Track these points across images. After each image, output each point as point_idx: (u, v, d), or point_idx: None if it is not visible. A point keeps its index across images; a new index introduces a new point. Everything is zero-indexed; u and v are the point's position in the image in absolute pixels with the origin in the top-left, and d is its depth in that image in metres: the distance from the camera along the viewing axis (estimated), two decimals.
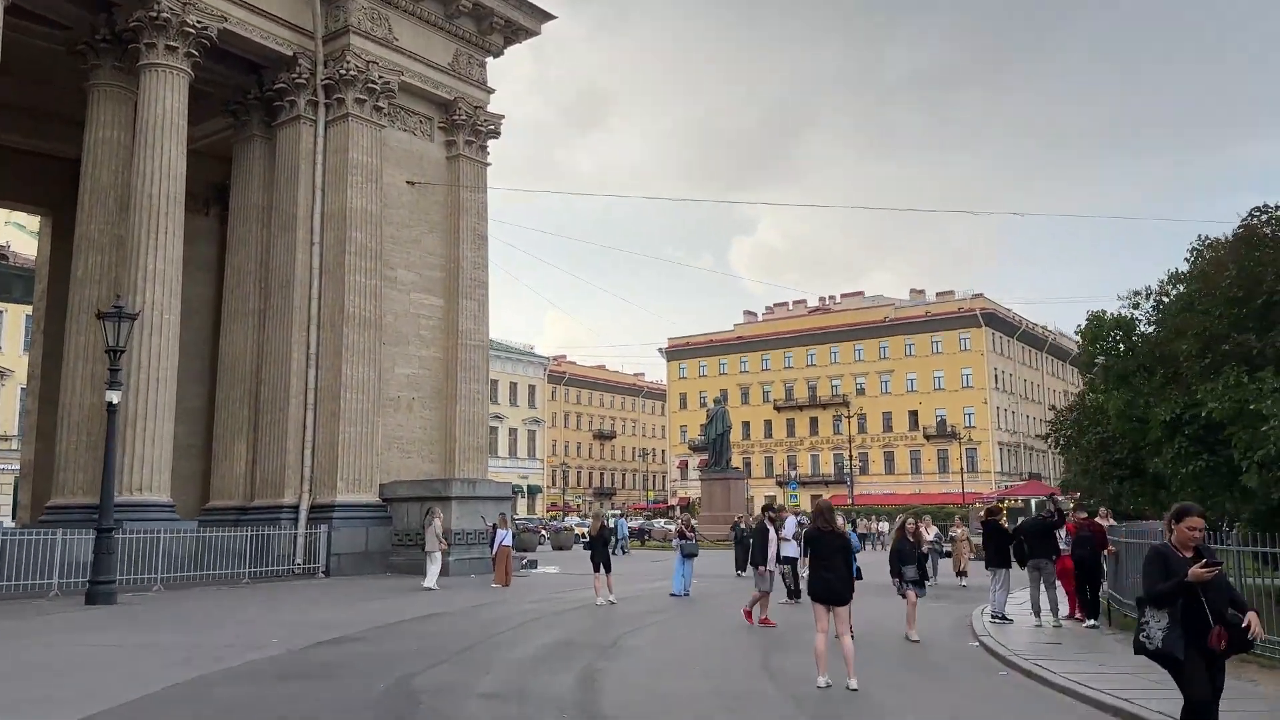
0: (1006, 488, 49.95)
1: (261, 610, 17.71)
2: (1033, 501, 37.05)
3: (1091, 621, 14.74)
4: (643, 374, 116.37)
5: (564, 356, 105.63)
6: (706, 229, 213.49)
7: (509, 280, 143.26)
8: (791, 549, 18.99)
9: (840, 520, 15.22)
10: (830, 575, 10.04)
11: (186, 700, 9.26)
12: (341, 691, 9.63)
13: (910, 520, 14.28)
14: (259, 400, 28.36)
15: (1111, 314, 16.00)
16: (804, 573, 10.43)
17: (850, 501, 66.28)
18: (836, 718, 8.77)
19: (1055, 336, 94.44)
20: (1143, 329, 15.77)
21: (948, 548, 27.59)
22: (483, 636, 13.71)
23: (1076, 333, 18.84)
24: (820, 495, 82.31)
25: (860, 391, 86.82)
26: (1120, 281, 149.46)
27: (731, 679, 10.58)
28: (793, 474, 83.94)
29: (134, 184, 24.43)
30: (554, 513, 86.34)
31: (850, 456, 75.75)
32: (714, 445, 49.36)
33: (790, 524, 19.72)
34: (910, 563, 13.42)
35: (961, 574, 23.29)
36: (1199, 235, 15.52)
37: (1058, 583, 15.09)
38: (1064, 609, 15.21)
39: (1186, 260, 14.76)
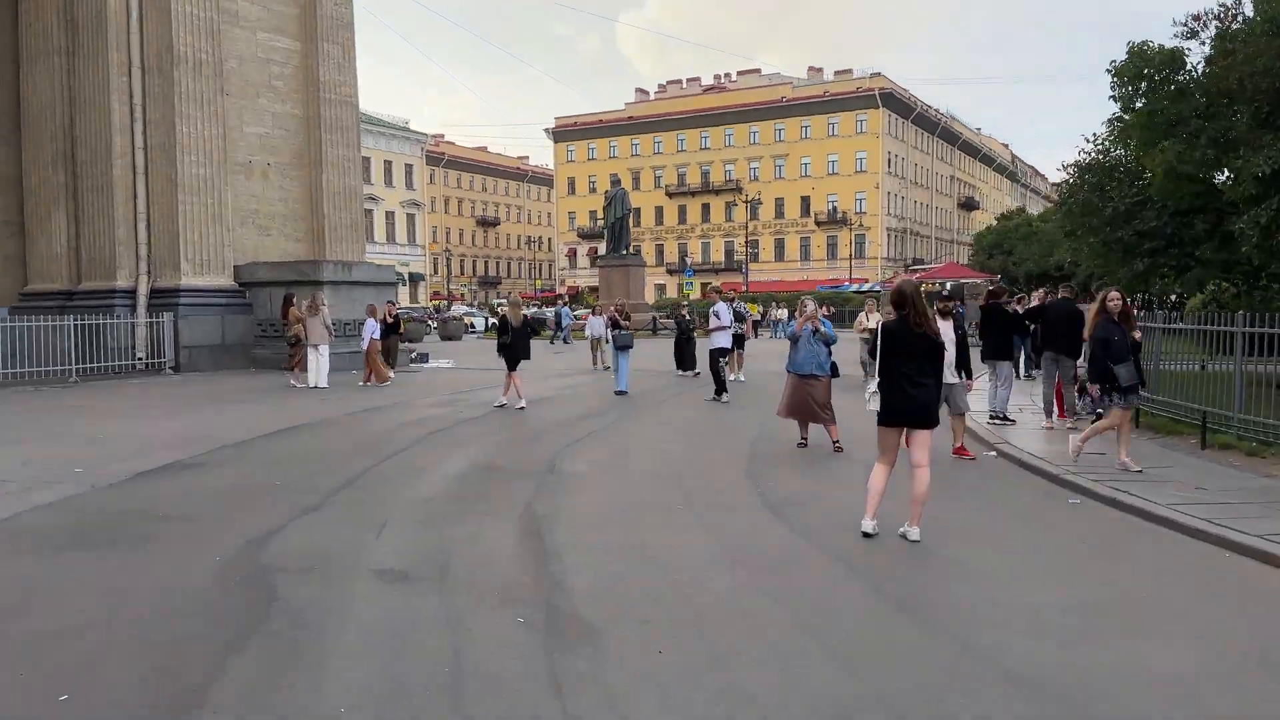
0: (920, 271, 48.27)
1: (78, 419, 13.85)
2: (947, 284, 35.29)
3: None
4: (527, 157, 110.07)
5: (442, 136, 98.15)
6: (595, 3, 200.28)
7: (382, 55, 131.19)
8: (724, 339, 16.15)
9: (730, 306, 12.30)
10: (916, 390, 6.92)
11: None
12: (151, 573, 6.15)
13: (1110, 295, 9.45)
14: (75, 162, 23.17)
15: (1156, 45, 12.73)
16: (871, 384, 7.18)
17: (745, 289, 64.37)
18: (919, 600, 5.77)
19: (948, 120, 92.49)
20: (1195, 67, 12.58)
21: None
22: (370, 461, 10.31)
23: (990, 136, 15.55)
24: (711, 282, 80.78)
25: (754, 177, 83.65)
26: (1028, 60, 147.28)
27: (732, 525, 7.55)
28: (688, 261, 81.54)
29: None
30: (438, 301, 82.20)
31: (745, 244, 73.27)
32: (612, 230, 45.64)
33: (724, 311, 16.72)
34: (1125, 360, 9.34)
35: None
36: None
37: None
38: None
39: None
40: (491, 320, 52.82)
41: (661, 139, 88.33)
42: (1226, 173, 13.75)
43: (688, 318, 20.54)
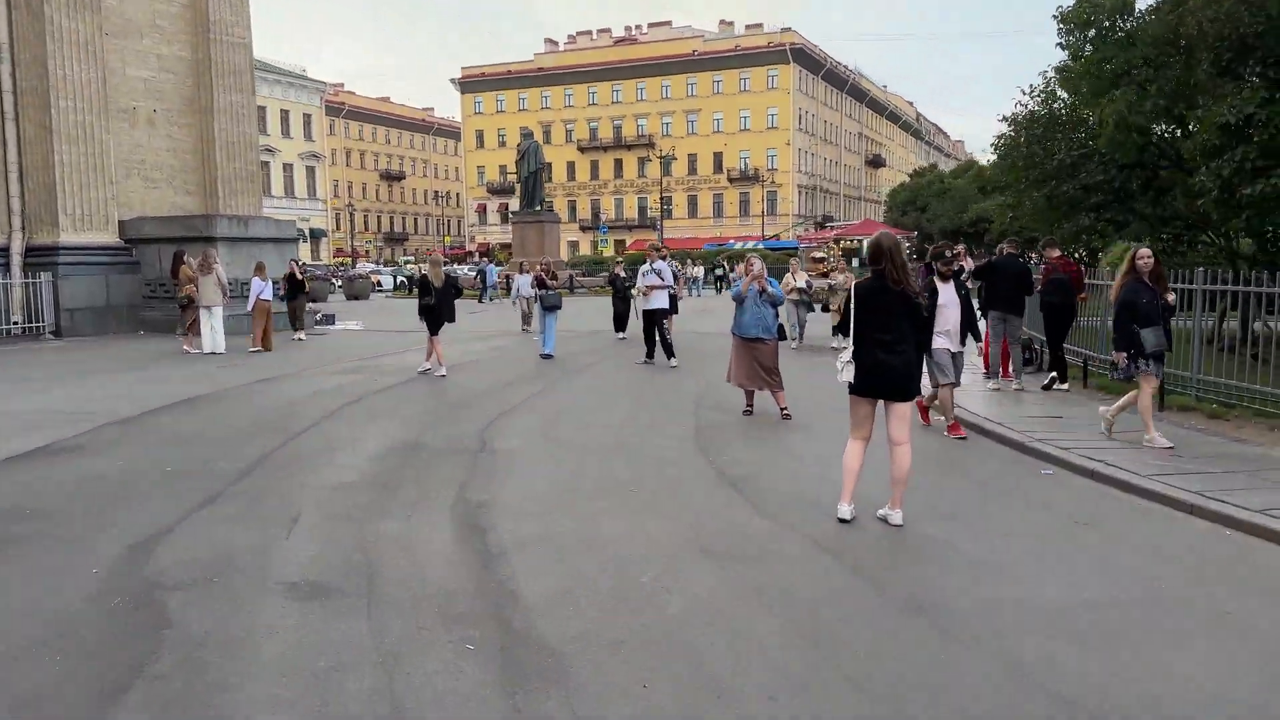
0: (837, 228, 48.07)
1: None
2: (864, 241, 35.01)
3: (1064, 385, 11.95)
4: (433, 109, 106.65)
5: (342, 85, 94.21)
6: None
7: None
8: (663, 300, 15.30)
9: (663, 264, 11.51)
10: (893, 357, 6.21)
11: None
12: (7, 595, 5.07)
13: (1140, 252, 8.52)
14: None
15: None
16: (845, 351, 6.43)
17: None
18: (928, 601, 5.10)
19: (856, 77, 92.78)
20: (1144, 14, 12.10)
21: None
22: (276, 440, 9.21)
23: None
24: (631, 238, 79.75)
25: (667, 132, 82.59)
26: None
27: (692, 507, 6.78)
28: (602, 218, 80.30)
29: None
30: (342, 259, 79.28)
31: (660, 201, 72.36)
32: (526, 184, 44.17)
33: (665, 270, 15.86)
34: (1155, 323, 8.35)
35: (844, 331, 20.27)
36: None
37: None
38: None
39: None
40: (400, 278, 51.01)
41: (573, 91, 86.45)
42: (1164, 126, 13.45)
43: (624, 277, 19.53)
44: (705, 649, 4.26)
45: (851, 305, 6.37)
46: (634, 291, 16.86)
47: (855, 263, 34.04)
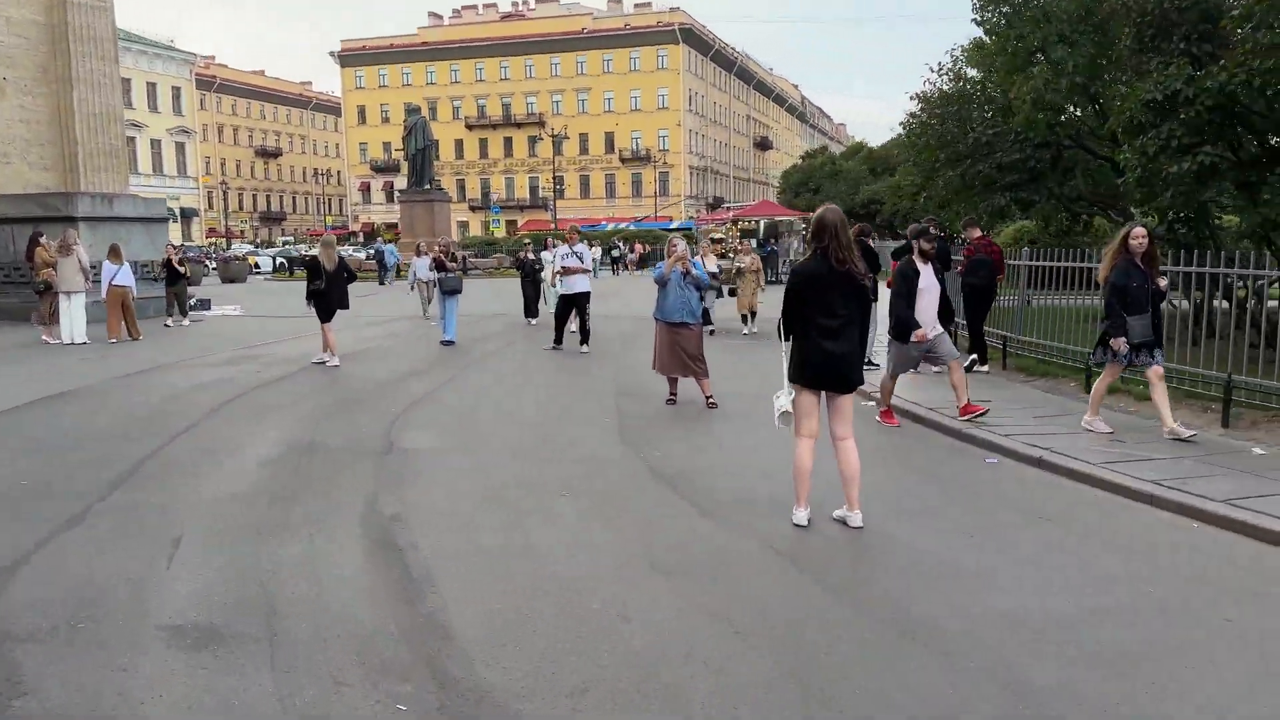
0: (734, 208, 47.73)
1: None
2: (761, 222, 34.95)
3: (984, 367, 11.78)
4: (311, 83, 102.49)
5: (213, 58, 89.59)
6: None
7: None
8: (584, 283, 14.58)
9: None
10: (837, 343, 5.70)
11: None
12: None
13: (1135, 231, 7.77)
14: None
15: None
16: (781, 394, 5.94)
17: (554, 227, 62.63)
18: (920, 621, 4.61)
19: (743, 59, 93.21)
20: None
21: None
22: (151, 443, 8.17)
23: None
24: (523, 219, 78.34)
25: (557, 110, 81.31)
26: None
27: (631, 512, 6.16)
28: (493, 198, 78.64)
29: None
30: (215, 239, 75.51)
31: (553, 180, 71.19)
32: (414, 162, 42.64)
33: (585, 253, 15.17)
34: (1143, 311, 7.72)
35: (749, 316, 19.85)
36: None
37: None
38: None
39: None
40: (280, 260, 48.73)
41: (459, 67, 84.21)
42: (1072, 106, 13.42)
43: (534, 260, 18.58)
44: (688, 695, 3.64)
45: (790, 290, 5.81)
46: (545, 276, 16.11)
47: (754, 243, 33.84)
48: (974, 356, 11.77)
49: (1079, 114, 12.58)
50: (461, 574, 4.97)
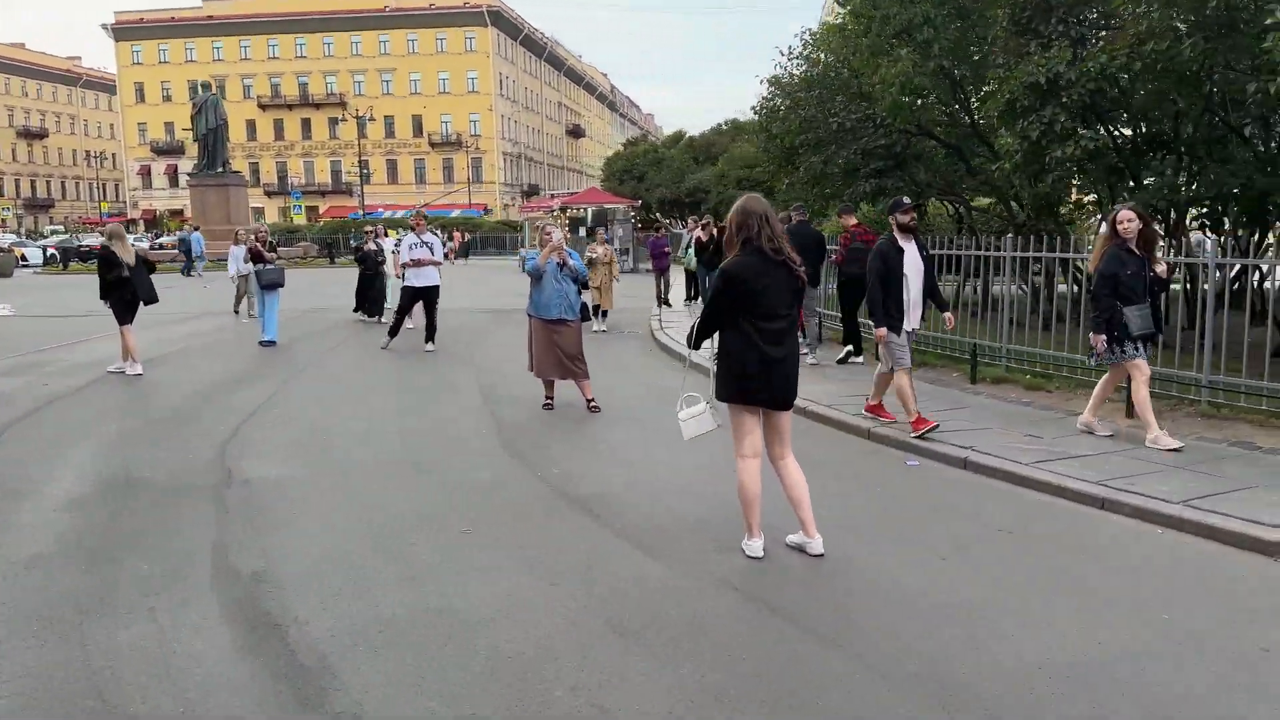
0: (561, 196, 46.27)
1: None
2: (589, 210, 34.08)
3: (859, 358, 11.43)
4: (79, 58, 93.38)
5: None
6: None
7: None
8: (433, 276, 13.32)
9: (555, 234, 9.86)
10: (779, 348, 4.96)
11: None
12: None
13: (1121, 215, 7.04)
14: None
15: None
16: (689, 399, 5.15)
17: (362, 214, 59.64)
18: (945, 680, 3.90)
19: (553, 45, 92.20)
20: None
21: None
22: None
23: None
24: (325, 205, 74.06)
25: (360, 91, 77.50)
26: None
27: (550, 547, 5.18)
28: (292, 183, 74.02)
29: None
30: None
31: (359, 164, 67.68)
32: (205, 142, 39.30)
33: (437, 245, 13.81)
34: (1141, 300, 6.96)
35: (602, 311, 18.85)
36: None
37: None
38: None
39: None
40: (51, 251, 43.84)
41: (250, 43, 78.75)
42: (932, 96, 13.27)
43: (377, 250, 16.80)
44: None
45: (717, 293, 4.96)
46: (389, 268, 14.66)
47: (582, 232, 33.02)
48: (849, 348, 11.41)
49: (937, 100, 12.41)
50: (369, 658, 3.85)
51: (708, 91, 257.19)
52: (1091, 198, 12.48)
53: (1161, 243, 8.02)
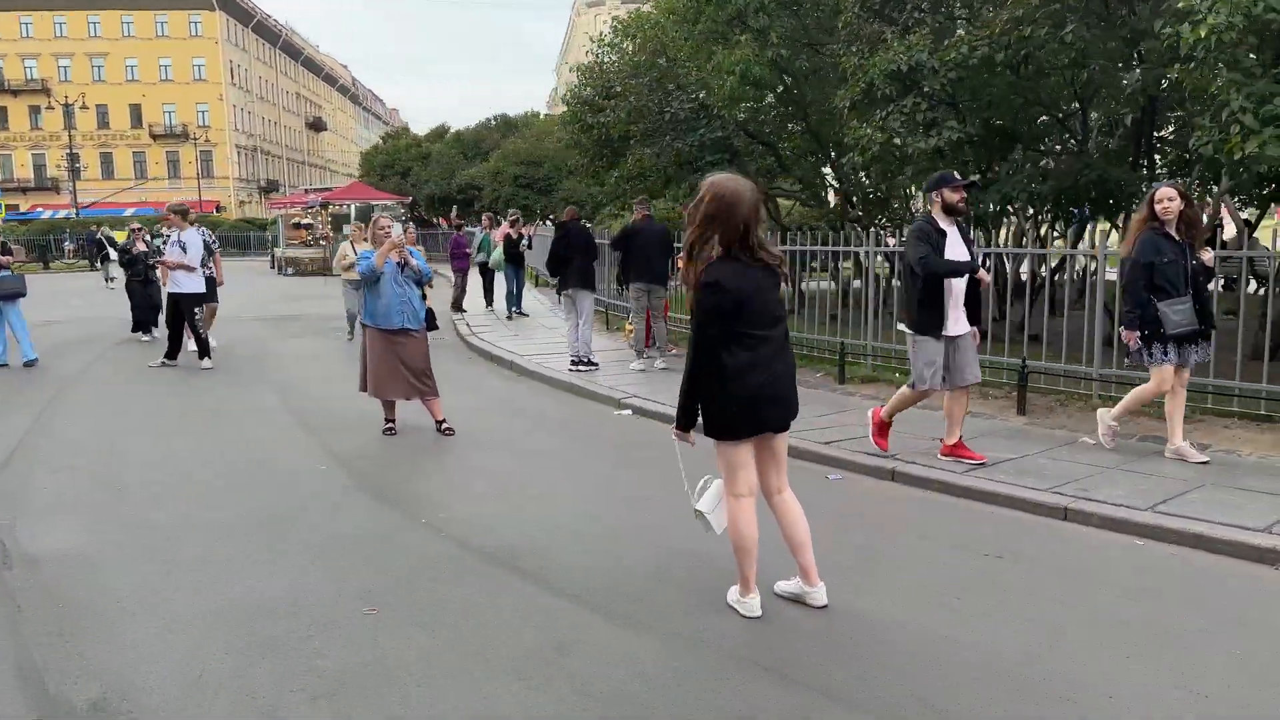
0: (319, 191, 42.47)
1: None
2: (352, 206, 31.49)
3: None
4: None
5: None
6: None
7: None
8: (195, 282, 11.39)
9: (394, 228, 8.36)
10: (782, 362, 4.09)
11: None
12: None
13: (1160, 193, 6.15)
14: None
15: None
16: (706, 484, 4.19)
17: (75, 212, 53.16)
18: None
19: (289, 33, 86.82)
20: None
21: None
22: None
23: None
24: (28, 203, 65.18)
25: (66, 78, 69.19)
26: None
27: (487, 628, 4.05)
28: None
29: None
30: None
31: (71, 158, 60.12)
32: None
33: (195, 242, 11.70)
34: (1180, 292, 6.07)
35: (459, 307, 17.15)
36: None
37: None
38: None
39: None
40: None
41: None
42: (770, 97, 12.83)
43: (146, 252, 13.92)
44: None
45: (707, 307, 3.95)
46: (159, 272, 12.37)
47: (345, 229, 30.59)
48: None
49: (774, 100, 11.98)
50: None
51: (451, 88, 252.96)
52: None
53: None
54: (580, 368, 10.45)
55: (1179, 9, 6.61)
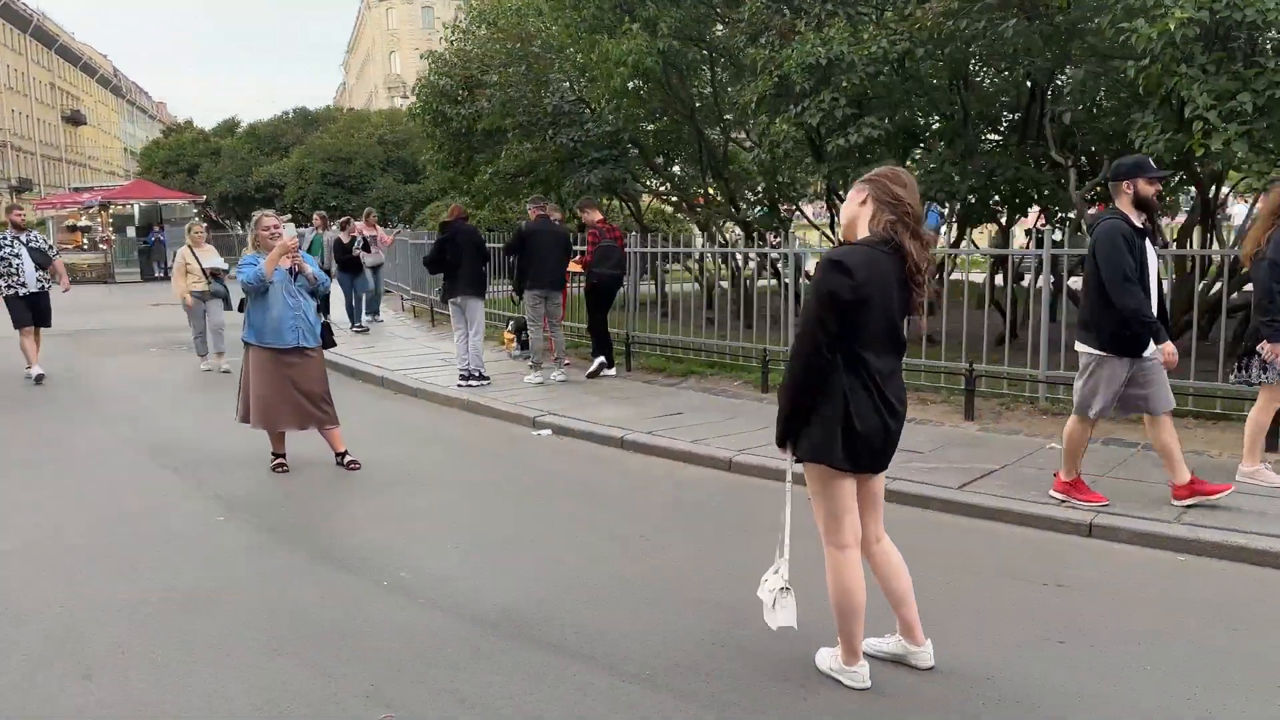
0: (103, 190, 37.55)
1: None
2: (137, 206, 28.25)
3: (611, 370, 10.04)
4: None
5: None
6: None
7: None
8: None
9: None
10: (897, 388, 3.41)
11: None
12: None
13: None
14: None
15: None
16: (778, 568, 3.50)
17: None
18: None
19: (40, 18, 78.80)
20: None
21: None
22: None
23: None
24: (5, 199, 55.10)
25: None
26: None
27: None
28: None
29: None
30: None
31: None
32: None
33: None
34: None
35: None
36: None
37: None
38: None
39: None
40: None
41: None
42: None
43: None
44: None
45: (821, 318, 3.21)
46: None
47: (131, 232, 27.55)
48: (601, 360, 9.97)
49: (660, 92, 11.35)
50: None
51: (233, 83, 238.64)
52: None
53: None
54: (471, 383, 9.47)
55: (1131, 5, 6.50)
